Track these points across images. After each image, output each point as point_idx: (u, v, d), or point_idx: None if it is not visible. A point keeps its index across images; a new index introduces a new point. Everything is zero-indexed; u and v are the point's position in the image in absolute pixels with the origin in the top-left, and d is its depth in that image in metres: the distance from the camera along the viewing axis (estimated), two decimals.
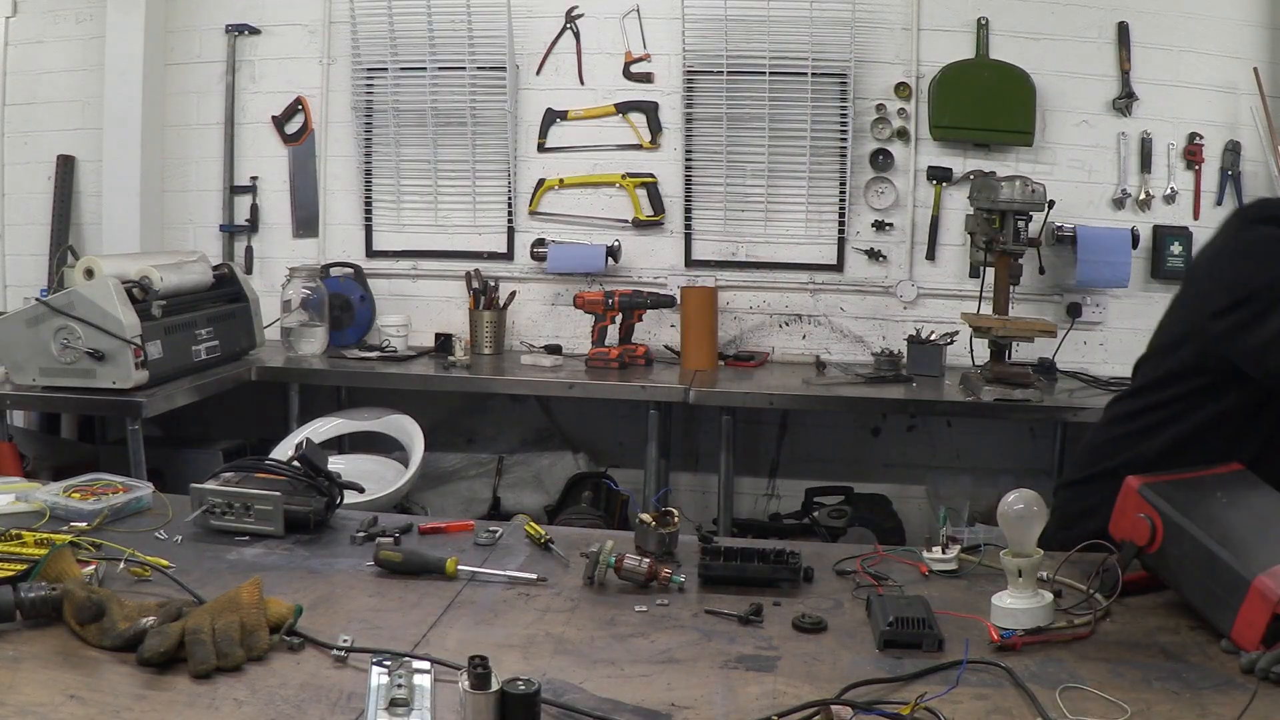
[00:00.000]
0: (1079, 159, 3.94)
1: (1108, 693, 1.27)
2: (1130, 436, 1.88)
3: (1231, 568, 1.40)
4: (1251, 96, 3.84)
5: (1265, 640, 1.34)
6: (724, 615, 1.52)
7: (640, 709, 1.23)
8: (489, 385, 3.77)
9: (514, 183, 4.18)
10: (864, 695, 1.25)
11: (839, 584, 1.66)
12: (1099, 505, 1.68)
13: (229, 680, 1.27)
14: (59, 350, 3.07)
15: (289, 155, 4.29)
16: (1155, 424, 1.84)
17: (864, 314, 4.08)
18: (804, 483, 4.00)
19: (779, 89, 4.00)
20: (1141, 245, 3.87)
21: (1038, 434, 4.04)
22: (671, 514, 1.76)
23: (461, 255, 4.21)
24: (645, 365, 3.88)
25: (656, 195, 4.11)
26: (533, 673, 1.23)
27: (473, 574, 1.66)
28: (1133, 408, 1.91)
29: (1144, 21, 3.87)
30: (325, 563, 1.70)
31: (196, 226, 4.34)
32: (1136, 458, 1.79)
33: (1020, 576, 1.47)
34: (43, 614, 1.39)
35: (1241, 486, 1.61)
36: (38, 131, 4.35)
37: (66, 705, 1.19)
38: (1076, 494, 1.96)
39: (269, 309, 3.93)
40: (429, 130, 4.19)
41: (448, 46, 4.13)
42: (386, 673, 1.23)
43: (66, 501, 1.85)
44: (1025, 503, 1.48)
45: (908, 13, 3.95)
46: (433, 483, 4.09)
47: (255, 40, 4.24)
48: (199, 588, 1.51)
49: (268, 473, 1.93)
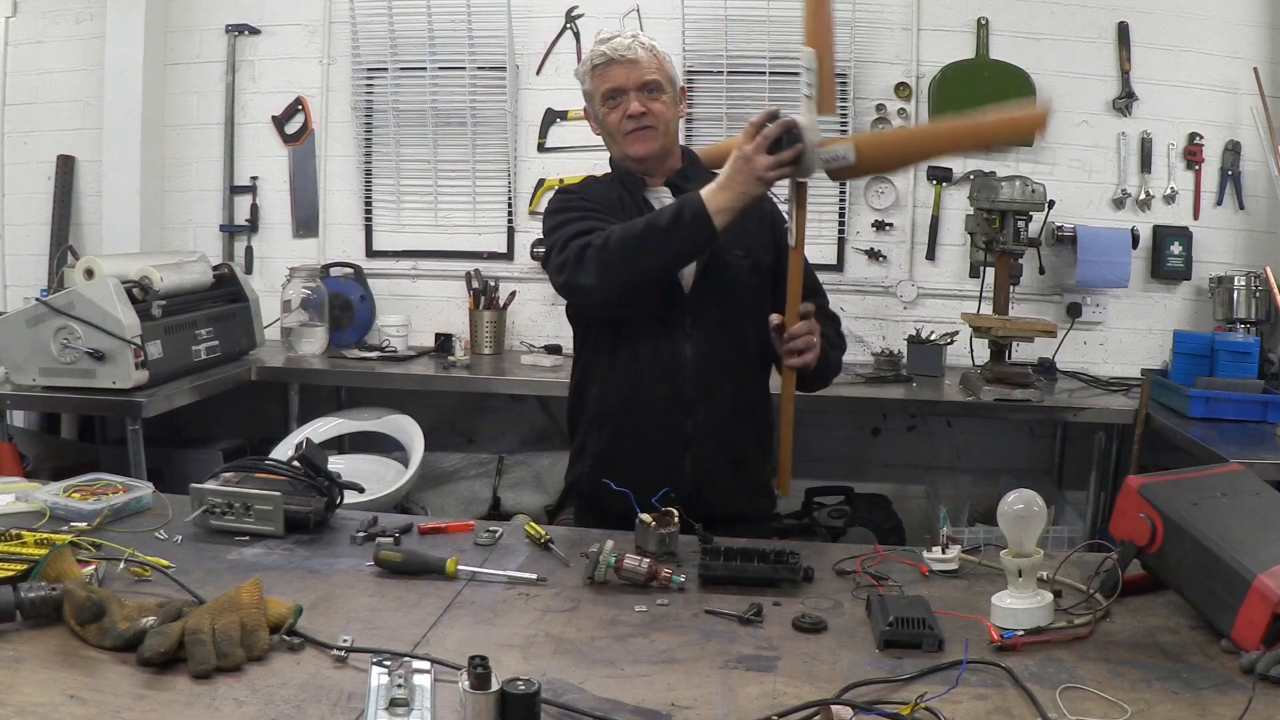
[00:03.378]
0: (1079, 159, 3.94)
1: (1108, 693, 1.27)
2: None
3: (1231, 568, 1.40)
4: (1251, 96, 3.84)
5: (1265, 640, 1.34)
6: (724, 615, 1.52)
7: (640, 709, 1.23)
8: (489, 385, 3.76)
9: (514, 183, 4.18)
10: (864, 695, 1.25)
11: (839, 584, 1.66)
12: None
13: (229, 680, 1.27)
14: (59, 350, 3.07)
15: (289, 155, 4.29)
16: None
17: (864, 314, 4.08)
18: (804, 483, 3.99)
19: (779, 89, 4.00)
20: (1141, 245, 3.87)
21: (1038, 434, 4.04)
22: (671, 514, 1.76)
23: (461, 255, 4.21)
24: None
25: None
26: (533, 673, 1.23)
27: (473, 574, 1.66)
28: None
29: (1144, 21, 3.87)
30: (325, 563, 1.71)
31: (196, 226, 4.34)
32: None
33: (1020, 576, 1.47)
34: (43, 614, 1.39)
35: (1241, 486, 1.61)
36: (38, 131, 4.35)
37: (66, 705, 1.19)
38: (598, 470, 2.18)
39: (269, 309, 3.93)
40: (429, 130, 4.19)
41: (448, 46, 4.13)
42: (386, 673, 1.23)
43: (66, 501, 1.86)
44: (1025, 503, 1.48)
45: (908, 13, 3.95)
46: (433, 483, 4.08)
47: (255, 40, 4.24)
48: (199, 588, 1.51)
49: (268, 473, 1.93)
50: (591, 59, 2.18)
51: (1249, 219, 3.93)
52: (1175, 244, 3.87)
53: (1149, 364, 3.89)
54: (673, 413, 2.13)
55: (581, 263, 2.00)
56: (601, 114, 2.19)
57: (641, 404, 2.13)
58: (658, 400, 2.13)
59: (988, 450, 4.05)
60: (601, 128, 2.22)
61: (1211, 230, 3.93)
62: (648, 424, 2.13)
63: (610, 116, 2.17)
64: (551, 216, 2.18)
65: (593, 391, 2.21)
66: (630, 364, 2.14)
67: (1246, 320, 3.61)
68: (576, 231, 2.05)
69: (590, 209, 2.13)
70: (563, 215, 2.14)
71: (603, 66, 2.16)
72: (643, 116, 2.13)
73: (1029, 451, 4.06)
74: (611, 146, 2.23)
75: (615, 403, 2.16)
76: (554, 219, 2.16)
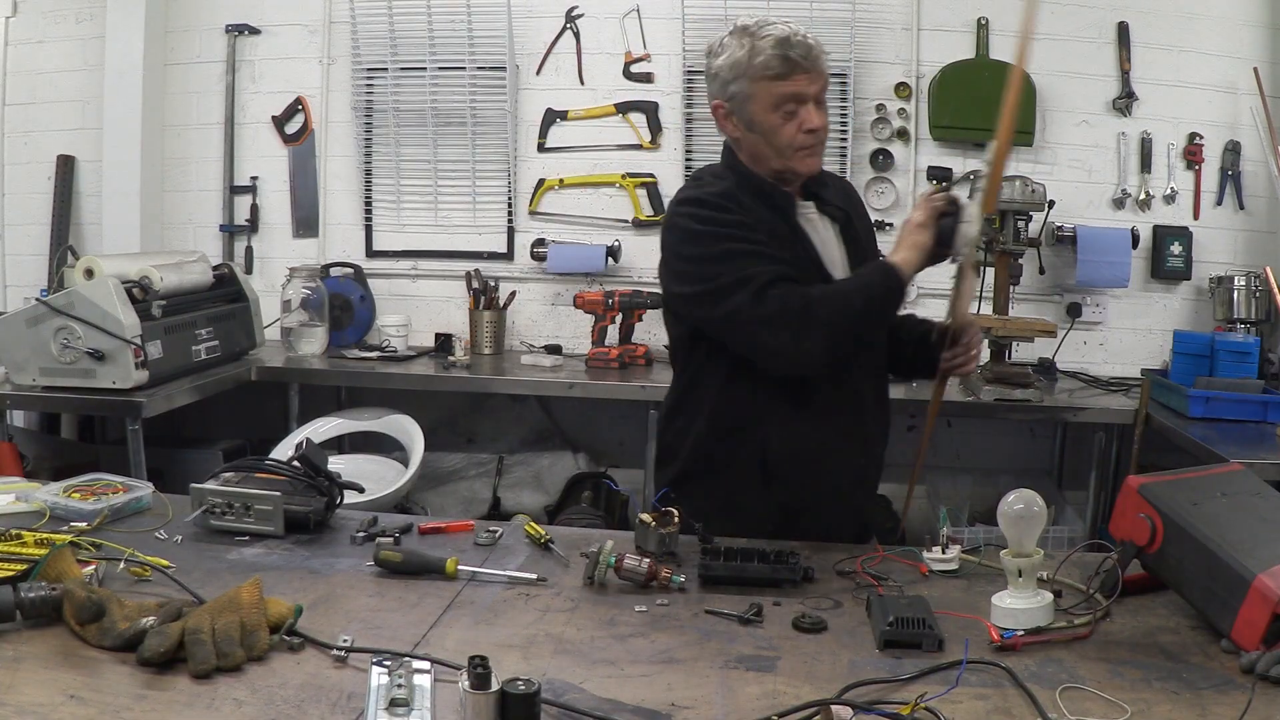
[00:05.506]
0: (1079, 159, 3.94)
1: (1108, 693, 1.27)
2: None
3: (1231, 568, 1.40)
4: (1251, 96, 3.84)
5: (1265, 640, 1.34)
6: (724, 615, 1.52)
7: (640, 709, 1.23)
8: (489, 385, 3.76)
9: (514, 183, 4.18)
10: (864, 695, 1.25)
11: (839, 584, 1.66)
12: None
13: (229, 680, 1.27)
14: (59, 350, 3.07)
15: (289, 155, 4.29)
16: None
17: None
18: None
19: None
20: (1141, 245, 3.87)
21: (1038, 434, 4.04)
22: (671, 514, 1.76)
23: (461, 255, 4.21)
24: (645, 365, 3.88)
25: (656, 195, 4.11)
26: (533, 673, 1.23)
27: (473, 574, 1.66)
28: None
29: (1144, 21, 3.87)
30: (325, 563, 1.70)
31: (196, 226, 4.33)
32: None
33: (1020, 576, 1.47)
34: (43, 614, 1.39)
35: (1241, 486, 1.61)
36: (38, 131, 4.35)
37: (66, 705, 1.19)
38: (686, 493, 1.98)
39: (269, 309, 3.93)
40: (429, 130, 4.19)
41: (448, 46, 4.13)
42: (386, 673, 1.23)
43: (66, 501, 1.86)
44: (1025, 503, 1.48)
45: (908, 13, 3.95)
46: (433, 483, 4.08)
47: (255, 40, 4.24)
48: (199, 588, 1.51)
49: (268, 473, 1.93)
50: (767, 60, 1.89)
51: (1249, 219, 3.93)
52: (1175, 244, 3.87)
53: (1149, 364, 3.89)
54: (856, 452, 2.04)
55: (794, 324, 1.83)
56: (766, 121, 1.92)
57: (830, 449, 1.99)
58: (846, 442, 2.01)
59: (988, 450, 4.05)
60: (757, 135, 1.95)
61: (1211, 230, 3.93)
62: (834, 468, 2.01)
63: (785, 128, 1.91)
64: (702, 240, 1.92)
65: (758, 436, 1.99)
66: (811, 408, 1.97)
67: (1246, 320, 3.62)
68: (762, 276, 1.85)
69: (751, 236, 1.91)
70: (725, 244, 1.90)
71: (783, 70, 1.89)
72: (819, 132, 1.93)
73: (1029, 451, 4.05)
74: (762, 156, 1.97)
75: (797, 449, 1.97)
76: (710, 245, 1.91)
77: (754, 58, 1.90)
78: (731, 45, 1.94)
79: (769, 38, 1.90)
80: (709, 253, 1.90)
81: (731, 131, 2.00)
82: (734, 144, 2.03)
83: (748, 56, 1.91)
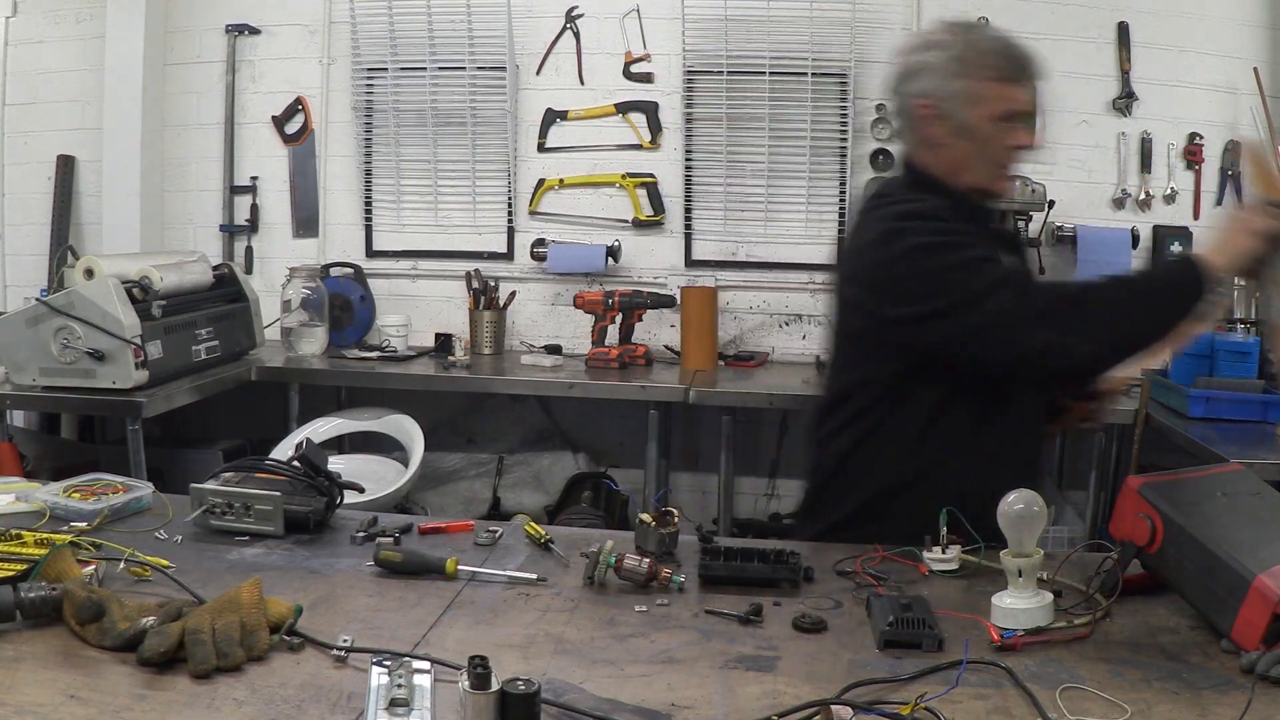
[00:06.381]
0: (1079, 159, 3.94)
1: (1108, 693, 1.27)
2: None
3: (1231, 568, 1.40)
4: (1251, 96, 3.84)
5: (1265, 640, 1.34)
6: (724, 615, 1.52)
7: (640, 709, 1.23)
8: (489, 385, 3.77)
9: (514, 183, 4.18)
10: (864, 695, 1.25)
11: (839, 584, 1.66)
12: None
13: (229, 680, 1.27)
14: (59, 350, 3.07)
15: (289, 155, 4.29)
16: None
17: None
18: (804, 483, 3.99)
19: (779, 89, 4.00)
20: (1141, 245, 3.87)
21: None
22: (671, 514, 1.76)
23: (461, 255, 4.21)
24: (645, 365, 3.88)
25: (656, 195, 4.11)
26: (533, 673, 1.23)
27: (473, 574, 1.66)
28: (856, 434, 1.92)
29: (1144, 21, 3.87)
30: (325, 563, 1.70)
31: (196, 226, 4.34)
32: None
33: (1020, 576, 1.47)
34: (43, 614, 1.39)
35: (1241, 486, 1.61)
36: (38, 131, 4.35)
37: (66, 705, 1.19)
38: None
39: (269, 309, 3.93)
40: (429, 130, 4.19)
41: (448, 46, 4.13)
42: (386, 673, 1.23)
43: (66, 501, 1.85)
44: (1025, 503, 1.48)
45: (908, 13, 3.95)
46: (433, 483, 4.09)
47: (255, 40, 4.24)
48: (199, 588, 1.50)
49: (268, 473, 1.93)
50: (997, 61, 1.78)
51: None
52: (1175, 244, 3.87)
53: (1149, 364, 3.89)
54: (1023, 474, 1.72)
55: (1074, 318, 1.65)
56: (983, 129, 1.78)
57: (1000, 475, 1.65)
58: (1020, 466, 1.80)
59: None
60: (968, 142, 1.80)
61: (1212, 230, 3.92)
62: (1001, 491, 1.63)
63: (1003, 139, 1.79)
64: (938, 252, 1.73)
65: (945, 488, 1.77)
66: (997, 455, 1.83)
67: (1246, 320, 3.61)
68: (1018, 274, 1.75)
69: (981, 243, 1.77)
70: (964, 252, 1.73)
71: (1021, 79, 1.78)
72: (1029, 152, 1.80)
73: None
74: (965, 167, 1.82)
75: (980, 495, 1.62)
76: (947, 255, 1.73)
77: (983, 56, 1.76)
78: (952, 41, 1.79)
79: (997, 39, 1.78)
80: (949, 262, 1.72)
81: (934, 135, 1.82)
82: (925, 153, 1.86)
83: (976, 55, 1.77)
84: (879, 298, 1.81)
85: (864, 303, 1.85)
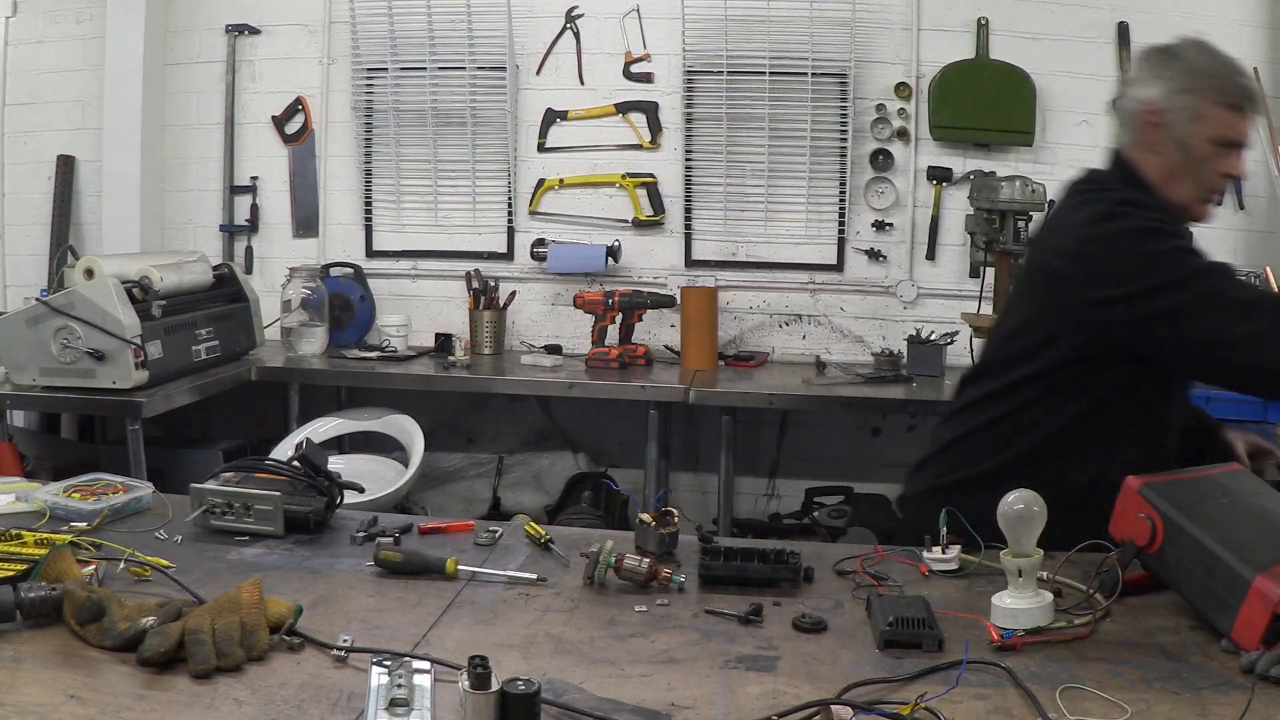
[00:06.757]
0: (1079, 159, 3.91)
1: (1108, 693, 1.27)
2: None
3: (1231, 568, 1.40)
4: None
5: (1265, 640, 1.34)
6: (724, 615, 1.52)
7: (640, 709, 1.23)
8: (489, 385, 3.77)
9: (514, 183, 4.18)
10: (864, 695, 1.25)
11: (839, 584, 1.66)
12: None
13: (229, 680, 1.27)
14: (59, 350, 3.07)
15: (289, 155, 4.29)
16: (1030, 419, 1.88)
17: (864, 314, 4.08)
18: (804, 483, 3.99)
19: (779, 89, 4.00)
20: None
21: None
22: (671, 514, 1.76)
23: (461, 255, 4.21)
24: (645, 365, 3.88)
25: (656, 195, 4.11)
26: (533, 673, 1.23)
27: (473, 574, 1.66)
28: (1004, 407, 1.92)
29: (1144, 21, 3.86)
30: (325, 563, 1.70)
31: (196, 226, 4.34)
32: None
33: (1020, 576, 1.47)
34: (43, 614, 1.39)
35: (1241, 486, 1.61)
36: (38, 131, 4.35)
37: (66, 705, 1.19)
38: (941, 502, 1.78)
39: (269, 309, 3.93)
40: (429, 130, 4.19)
41: (448, 46, 4.13)
42: (386, 673, 1.23)
43: (66, 501, 1.85)
44: (1025, 503, 1.48)
45: (908, 13, 3.95)
46: (433, 483, 4.09)
47: (255, 40, 4.24)
48: (199, 588, 1.50)
49: (268, 473, 1.93)
50: (1232, 87, 1.82)
51: (1249, 219, 3.93)
52: None
53: None
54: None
55: (1273, 318, 1.68)
56: (1200, 149, 1.82)
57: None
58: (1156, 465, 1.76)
59: None
60: (1183, 158, 1.83)
61: (1211, 230, 3.90)
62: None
63: (1216, 163, 1.84)
64: (1164, 236, 1.77)
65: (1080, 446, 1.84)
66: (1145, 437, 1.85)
67: None
68: (1223, 268, 1.75)
69: (1189, 239, 1.81)
70: (1177, 240, 1.78)
71: (1243, 108, 1.82)
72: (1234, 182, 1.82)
73: None
74: (1176, 182, 1.85)
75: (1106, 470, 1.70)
76: (1171, 240, 1.78)
77: (1213, 79, 1.80)
78: (1194, 56, 1.83)
79: (1229, 64, 1.80)
80: (1163, 247, 1.75)
81: (1153, 142, 1.85)
82: (1141, 155, 1.88)
83: (1207, 75, 1.81)
84: (1087, 273, 1.79)
85: (1070, 276, 1.82)
